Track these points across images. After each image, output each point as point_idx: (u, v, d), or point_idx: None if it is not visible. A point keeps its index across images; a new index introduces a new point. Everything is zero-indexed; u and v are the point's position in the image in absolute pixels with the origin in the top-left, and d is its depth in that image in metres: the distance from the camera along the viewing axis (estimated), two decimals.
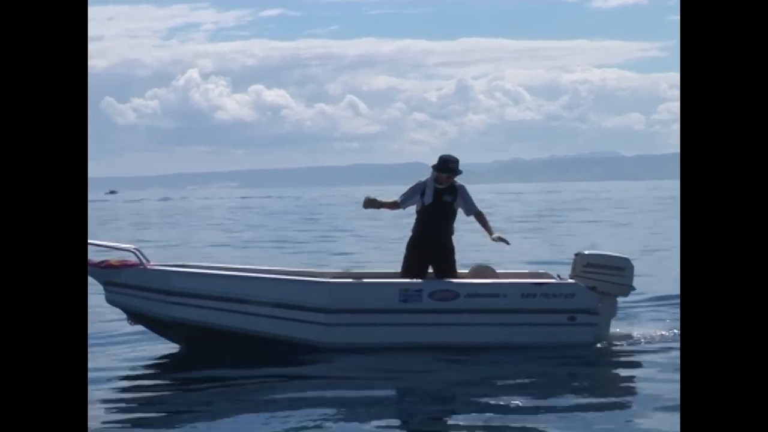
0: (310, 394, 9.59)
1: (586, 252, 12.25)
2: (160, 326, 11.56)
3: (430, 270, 11.82)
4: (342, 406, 9.04)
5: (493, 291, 11.56)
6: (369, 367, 10.80)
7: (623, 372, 11.14)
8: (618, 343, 11.97)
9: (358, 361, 11.01)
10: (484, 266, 12.45)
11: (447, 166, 11.76)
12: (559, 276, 12.17)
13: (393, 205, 11.87)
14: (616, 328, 12.29)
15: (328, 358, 11.08)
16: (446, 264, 11.81)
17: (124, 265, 11.24)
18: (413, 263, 11.80)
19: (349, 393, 9.71)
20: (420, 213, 11.89)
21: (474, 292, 11.52)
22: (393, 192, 12.47)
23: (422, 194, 11.83)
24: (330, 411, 8.74)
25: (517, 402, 9.10)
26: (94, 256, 11.33)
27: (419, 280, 11.58)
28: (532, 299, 11.52)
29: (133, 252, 11.39)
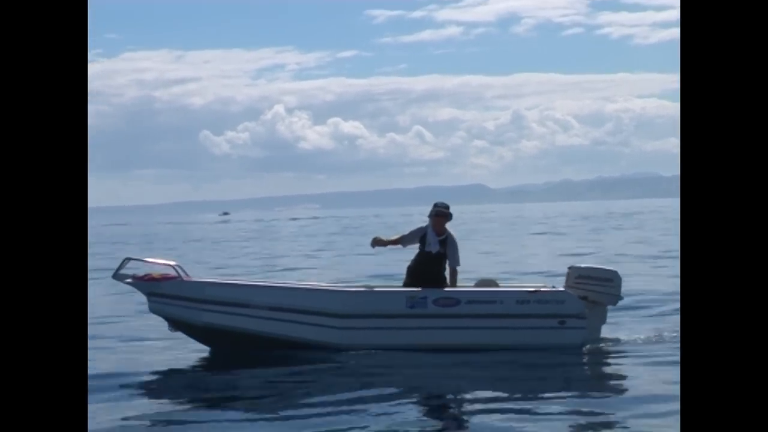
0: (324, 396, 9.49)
1: (578, 265, 12.36)
2: (195, 332, 11.72)
3: None
4: (355, 402, 9.01)
5: (491, 298, 11.61)
6: (377, 368, 10.81)
7: (612, 371, 11.07)
8: (607, 346, 11.92)
9: (369, 361, 11.05)
10: (488, 279, 12.53)
11: (439, 210, 11.86)
12: (553, 287, 12.17)
13: (395, 242, 12.05)
14: (606, 333, 12.24)
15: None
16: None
17: (164, 278, 11.43)
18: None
19: (360, 392, 9.64)
20: (420, 255, 11.91)
21: (474, 298, 11.57)
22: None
23: (423, 240, 11.85)
24: (344, 407, 8.74)
25: (511, 398, 9.14)
26: (138, 271, 11.63)
27: (424, 289, 11.60)
28: (526, 305, 11.55)
29: (173, 267, 11.57)
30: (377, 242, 12.00)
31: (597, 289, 11.80)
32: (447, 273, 11.83)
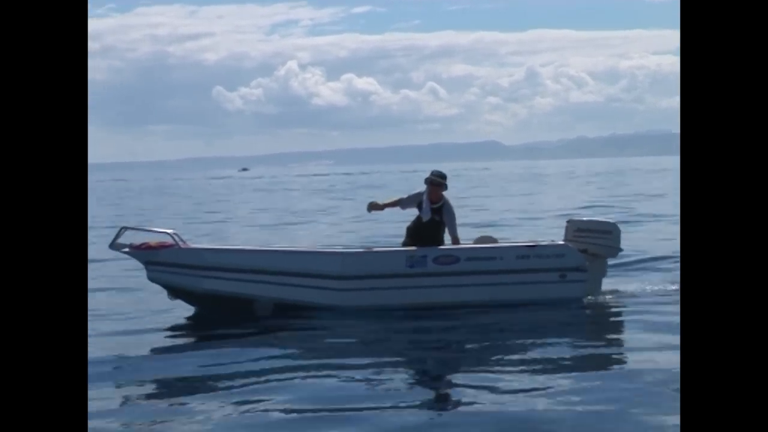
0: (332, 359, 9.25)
1: (577, 218, 12.29)
2: (195, 299, 11.65)
3: None
4: (357, 367, 8.79)
5: (491, 254, 11.53)
6: (379, 326, 10.73)
7: (612, 325, 11.04)
8: (608, 298, 11.90)
9: (368, 324, 10.91)
10: (487, 236, 12.48)
11: (430, 178, 11.75)
12: (552, 241, 12.11)
13: (394, 204, 12.01)
14: (606, 285, 12.19)
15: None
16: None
17: (162, 247, 11.37)
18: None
19: (363, 352, 9.56)
20: (416, 224, 11.84)
21: (473, 255, 11.49)
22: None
23: (420, 207, 11.77)
24: (341, 372, 8.57)
25: (516, 356, 9.03)
26: (136, 240, 11.61)
27: (423, 248, 11.54)
28: (525, 260, 11.48)
29: (170, 235, 11.50)
30: (373, 206, 11.95)
31: (596, 242, 11.74)
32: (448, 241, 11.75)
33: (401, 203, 11.95)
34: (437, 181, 11.73)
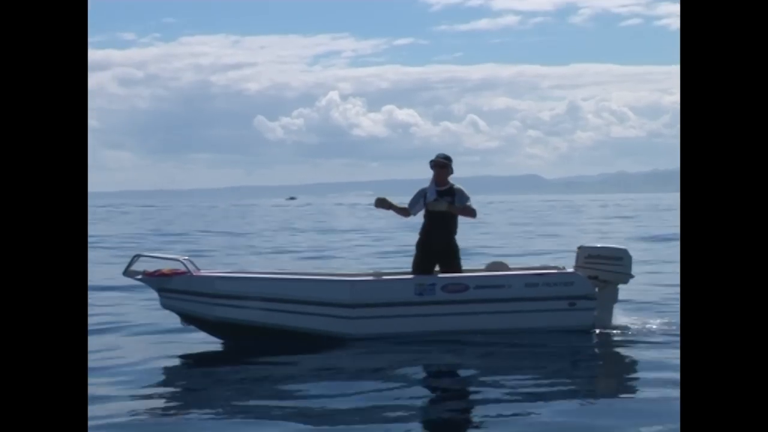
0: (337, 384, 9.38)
1: (587, 245, 12.25)
2: (207, 326, 11.71)
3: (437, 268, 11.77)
4: (366, 391, 8.87)
5: (500, 282, 11.51)
6: (389, 356, 10.68)
7: (624, 354, 10.93)
8: (620, 327, 11.82)
9: (379, 349, 10.96)
10: (498, 262, 12.47)
11: (435, 160, 11.76)
12: (563, 268, 12.08)
13: (403, 211, 11.95)
14: (617, 314, 12.13)
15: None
16: (450, 262, 11.72)
17: (174, 274, 11.47)
18: (421, 263, 11.77)
19: (371, 382, 9.47)
20: (424, 216, 11.83)
21: (482, 283, 11.48)
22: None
23: (425, 198, 11.79)
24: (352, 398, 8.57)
25: (522, 386, 8.98)
26: (149, 267, 11.67)
27: (432, 276, 11.56)
28: (534, 288, 11.45)
29: (182, 262, 11.58)
30: (382, 203, 11.88)
31: (607, 268, 11.69)
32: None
33: (410, 207, 11.88)
34: (441, 162, 11.71)
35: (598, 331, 11.60)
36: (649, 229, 40.95)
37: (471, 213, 11.75)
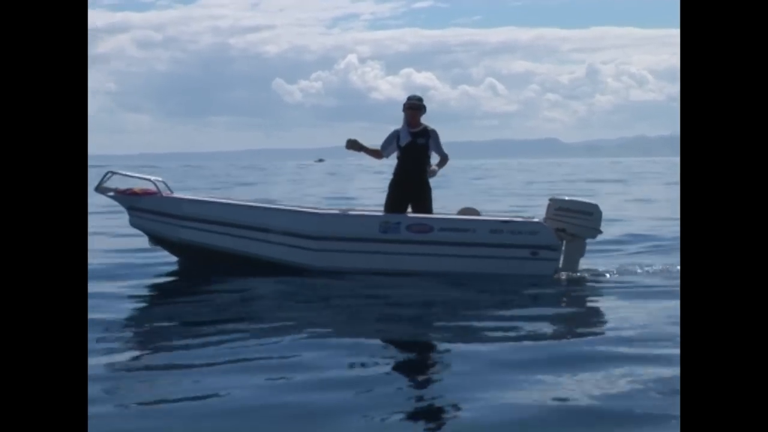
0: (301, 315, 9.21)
1: (559, 197, 12.26)
2: (172, 247, 11.88)
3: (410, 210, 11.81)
4: (324, 326, 8.75)
5: (465, 226, 11.54)
6: (349, 291, 10.61)
7: (588, 305, 10.86)
8: (582, 277, 11.78)
9: (342, 284, 10.94)
10: (470, 208, 12.49)
11: (408, 102, 11.78)
12: (530, 217, 12.13)
13: (376, 153, 11.97)
14: (583, 265, 12.15)
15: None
16: (423, 203, 11.79)
17: (145, 193, 11.58)
18: (393, 202, 11.81)
19: (330, 314, 9.44)
20: (398, 156, 11.88)
21: (447, 226, 11.52)
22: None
23: (398, 139, 11.85)
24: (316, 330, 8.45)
25: (485, 327, 8.68)
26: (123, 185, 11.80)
27: (398, 214, 11.62)
28: (499, 235, 11.50)
29: (153, 182, 11.69)
30: (353, 144, 11.88)
31: (576, 222, 11.67)
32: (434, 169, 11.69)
33: (382, 149, 11.89)
34: (416, 105, 11.76)
35: (563, 276, 11.61)
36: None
37: (445, 160, 11.86)
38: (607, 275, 11.89)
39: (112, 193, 11.62)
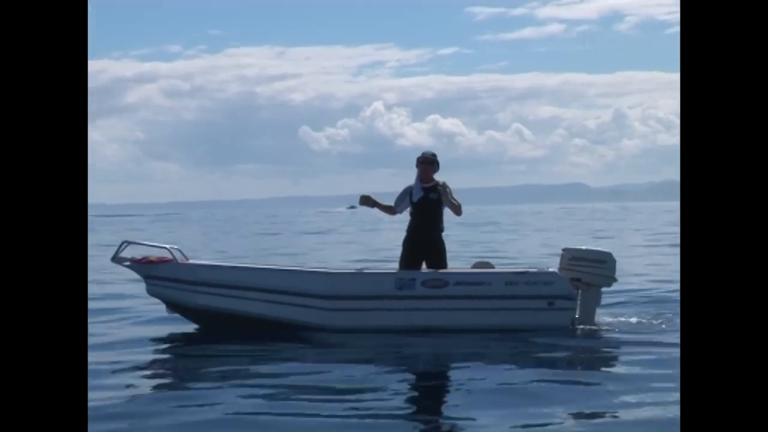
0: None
1: (572, 247, 12.34)
2: (189, 313, 11.95)
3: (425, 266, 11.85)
4: (341, 382, 8.87)
5: (479, 279, 11.59)
6: (363, 349, 10.73)
7: (605, 356, 10.88)
8: (601, 328, 11.84)
9: (356, 342, 11.04)
10: (484, 262, 12.57)
11: (422, 157, 11.90)
12: (545, 268, 12.18)
13: (389, 210, 12.07)
14: (600, 316, 12.19)
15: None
16: (436, 258, 11.82)
17: (161, 261, 11.73)
18: (408, 260, 11.87)
19: (347, 371, 9.51)
20: (411, 213, 11.95)
21: (462, 280, 11.57)
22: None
23: (411, 195, 11.93)
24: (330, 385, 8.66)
25: (501, 383, 8.77)
26: (137, 254, 11.99)
27: (412, 270, 11.68)
28: (514, 287, 11.54)
29: (168, 250, 11.84)
30: (366, 200, 11.95)
31: (590, 271, 11.73)
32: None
33: (395, 205, 12.00)
34: (429, 159, 11.84)
35: (579, 329, 11.64)
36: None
37: (458, 209, 11.87)
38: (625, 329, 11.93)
39: (128, 263, 11.78)
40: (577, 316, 11.79)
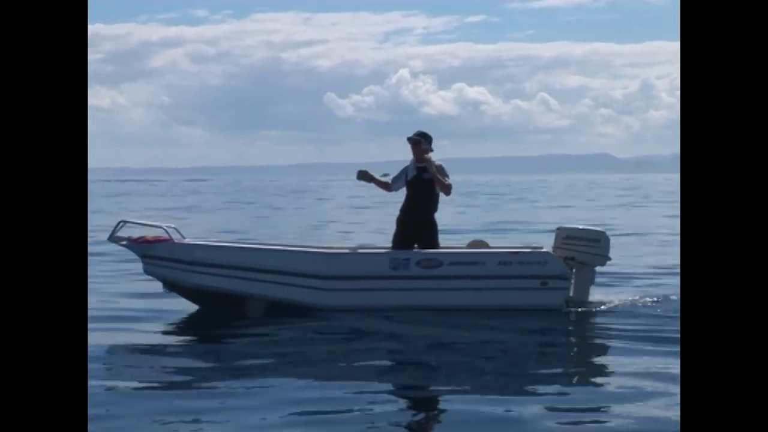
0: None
1: (566, 226, 12.40)
2: (185, 293, 12.05)
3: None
4: (334, 361, 9.20)
5: (473, 259, 11.68)
6: (357, 329, 10.83)
7: (597, 335, 10.94)
8: (594, 307, 11.91)
9: (350, 322, 11.12)
10: (479, 241, 12.66)
11: (410, 137, 11.96)
12: (538, 248, 12.23)
13: (384, 185, 12.14)
14: (594, 294, 12.25)
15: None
16: (429, 238, 11.90)
17: (157, 241, 11.82)
18: (400, 238, 11.96)
19: (339, 347, 9.88)
20: (406, 191, 12.04)
21: (456, 260, 11.66)
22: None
23: (406, 175, 12.01)
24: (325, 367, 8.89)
25: (493, 366, 9.04)
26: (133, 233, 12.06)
27: (407, 250, 11.75)
28: (508, 266, 11.61)
29: (164, 229, 11.92)
30: (363, 175, 12.03)
31: (584, 250, 11.81)
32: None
33: (392, 184, 12.08)
34: (414, 139, 11.88)
35: (572, 310, 11.72)
36: None
37: (447, 188, 11.86)
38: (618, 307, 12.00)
39: (125, 242, 11.87)
40: (571, 295, 11.86)
